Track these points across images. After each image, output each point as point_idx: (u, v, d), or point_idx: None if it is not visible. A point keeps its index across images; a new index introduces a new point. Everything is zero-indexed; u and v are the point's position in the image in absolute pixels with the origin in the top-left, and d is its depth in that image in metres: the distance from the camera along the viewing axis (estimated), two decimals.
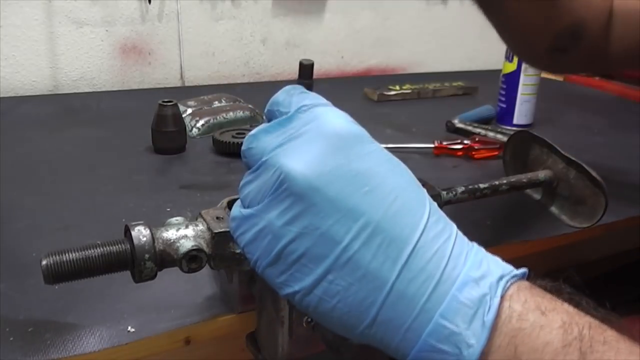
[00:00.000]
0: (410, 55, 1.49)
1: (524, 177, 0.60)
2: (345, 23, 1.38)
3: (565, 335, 0.27)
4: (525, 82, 0.99)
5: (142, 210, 0.63)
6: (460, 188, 0.55)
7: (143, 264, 0.37)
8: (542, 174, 0.60)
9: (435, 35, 1.50)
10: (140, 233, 0.37)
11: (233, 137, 0.82)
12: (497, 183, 0.57)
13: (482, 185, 0.56)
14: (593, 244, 0.71)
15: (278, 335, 0.42)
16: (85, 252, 0.37)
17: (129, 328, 0.44)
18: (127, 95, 1.12)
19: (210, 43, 1.24)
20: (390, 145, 0.86)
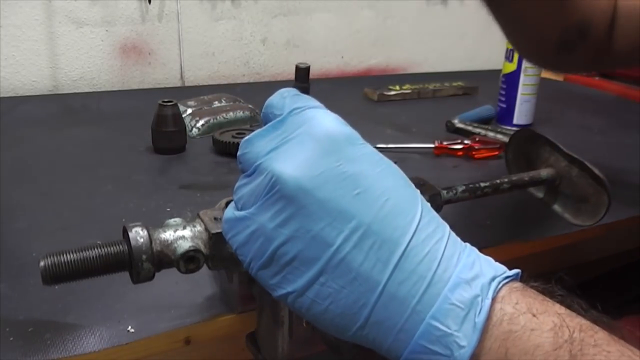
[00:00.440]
0: (410, 55, 1.49)
1: (526, 175, 0.59)
2: (345, 23, 1.38)
3: (556, 338, 0.27)
4: (525, 82, 0.99)
5: (142, 210, 0.63)
6: (461, 187, 0.54)
7: (140, 265, 0.37)
8: (544, 172, 0.60)
9: (435, 35, 1.50)
10: (138, 234, 0.37)
11: (233, 137, 0.82)
12: (498, 181, 0.57)
13: (483, 184, 0.56)
14: (594, 244, 0.71)
15: (278, 335, 0.42)
16: (83, 253, 0.37)
17: (129, 328, 0.44)
18: (127, 95, 1.12)
19: (210, 43, 1.24)
20: (391, 146, 0.86)
